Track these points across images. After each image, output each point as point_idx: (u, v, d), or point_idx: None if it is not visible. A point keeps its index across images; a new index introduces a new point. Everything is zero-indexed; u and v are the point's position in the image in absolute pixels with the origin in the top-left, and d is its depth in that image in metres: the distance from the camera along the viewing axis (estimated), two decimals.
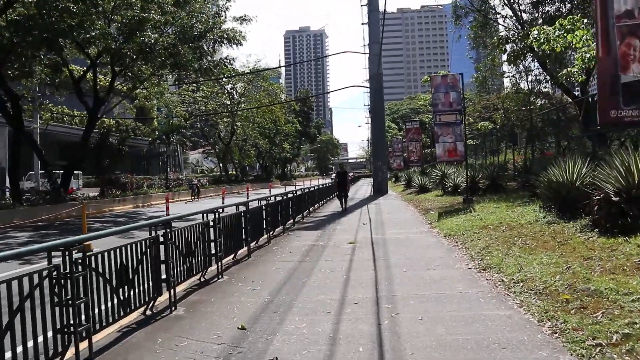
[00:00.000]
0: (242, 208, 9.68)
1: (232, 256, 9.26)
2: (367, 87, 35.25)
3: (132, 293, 5.35)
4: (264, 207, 11.51)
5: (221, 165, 53.43)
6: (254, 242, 10.87)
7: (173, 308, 6.05)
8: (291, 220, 15.09)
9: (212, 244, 7.81)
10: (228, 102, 46.60)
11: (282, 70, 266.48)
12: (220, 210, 8.31)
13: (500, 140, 29.29)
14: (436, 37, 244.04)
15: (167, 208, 17.95)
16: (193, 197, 33.29)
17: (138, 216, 22.36)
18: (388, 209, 19.73)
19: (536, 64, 24.81)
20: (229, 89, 46.84)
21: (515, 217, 11.15)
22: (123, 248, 5.25)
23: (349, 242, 10.98)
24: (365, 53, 36.06)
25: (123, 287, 5.21)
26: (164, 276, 6.05)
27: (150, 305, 5.92)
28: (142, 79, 25.20)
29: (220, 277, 7.84)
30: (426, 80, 46.95)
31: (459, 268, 7.66)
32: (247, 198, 25.78)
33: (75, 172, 31.98)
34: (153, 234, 5.94)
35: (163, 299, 6.18)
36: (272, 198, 13.09)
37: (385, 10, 20.35)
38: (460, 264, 7.94)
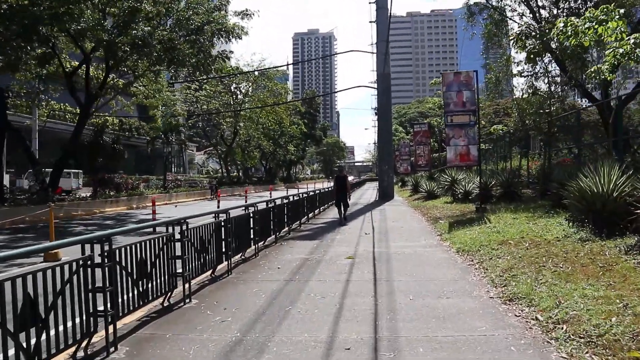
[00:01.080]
0: (222, 217, 8.31)
1: (209, 272, 7.92)
2: (374, 88, 33.86)
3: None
4: (251, 215, 10.14)
5: (223, 166, 52.15)
6: (240, 253, 9.53)
7: (112, 349, 4.69)
8: (286, 228, 13.71)
9: (179, 261, 6.44)
10: (231, 102, 45.24)
11: (290, 73, 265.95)
12: (191, 220, 6.93)
13: (512, 145, 27.83)
14: (445, 41, 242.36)
15: (154, 212, 16.65)
16: (212, 197, 33.48)
17: (127, 219, 21.05)
18: (393, 216, 18.33)
19: (553, 64, 23.41)
20: (232, 88, 45.52)
21: (539, 231, 9.71)
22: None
23: (348, 256, 9.58)
24: (372, 52, 34.74)
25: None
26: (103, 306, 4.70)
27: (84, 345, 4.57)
28: (137, 75, 23.92)
29: (187, 301, 6.47)
30: (435, 82, 45.69)
31: (479, 296, 6.25)
32: (246, 201, 24.48)
33: (74, 171, 30.85)
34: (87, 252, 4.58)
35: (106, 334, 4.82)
36: (264, 204, 11.74)
37: (391, 7, 18.93)
38: (479, 290, 6.53)
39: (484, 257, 8.54)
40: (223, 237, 8.26)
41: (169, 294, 6.33)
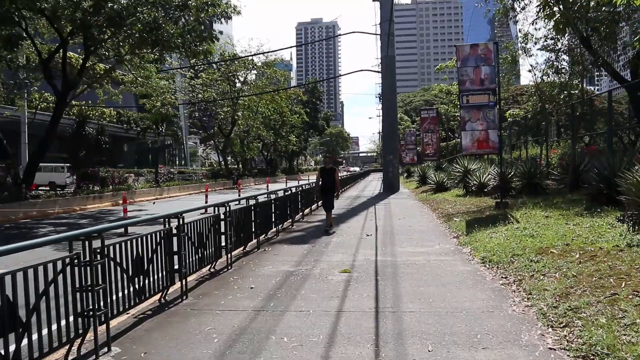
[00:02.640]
0: (175, 222, 6.25)
1: (157, 297, 5.91)
2: (378, 72, 31.66)
3: None
4: (224, 216, 8.10)
5: (221, 158, 49.99)
6: (210, 266, 7.55)
7: None
8: (274, 229, 11.67)
9: (104, 287, 4.39)
10: (228, 90, 43.05)
11: (294, 63, 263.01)
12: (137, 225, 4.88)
13: (525, 132, 25.64)
14: (451, 29, 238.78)
15: (125, 211, 14.69)
16: (234, 187, 33.93)
17: (105, 217, 19.07)
18: (400, 211, 16.26)
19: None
20: (229, 75, 43.21)
21: (587, 236, 7.61)
22: None
23: (343, 269, 7.53)
24: (376, 34, 32.49)
25: None
26: None
27: None
28: (120, 59, 21.81)
29: (106, 350, 4.44)
30: (441, 68, 43.30)
31: (531, 346, 4.18)
32: (239, 195, 22.46)
33: (68, 165, 28.93)
34: None
35: None
36: (245, 202, 9.72)
37: None
38: (530, 334, 4.46)
39: (521, 273, 6.47)
40: (176, 248, 6.22)
41: (78, 341, 4.31)
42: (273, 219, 11.56)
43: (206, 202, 19.74)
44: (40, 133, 28.60)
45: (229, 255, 8.09)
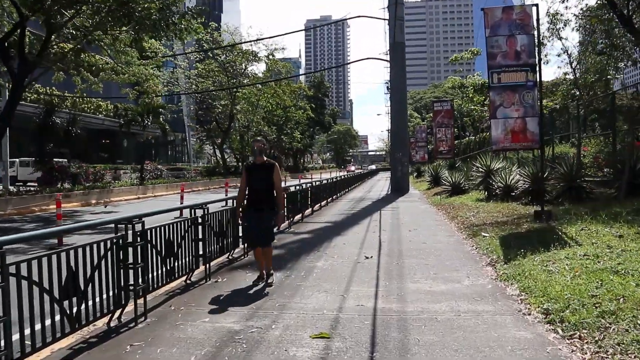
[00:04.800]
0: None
1: None
2: (387, 60, 28.67)
3: None
4: (151, 234, 5.22)
5: (218, 154, 47.06)
6: (110, 316, 4.66)
7: None
8: (241, 247, 8.75)
9: None
10: (226, 81, 40.05)
11: (303, 60, 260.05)
12: None
13: (552, 126, 22.49)
14: (461, 27, 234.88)
15: (59, 216, 11.84)
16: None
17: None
18: (410, 219, 13.29)
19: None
20: (226, 65, 40.07)
21: None
22: None
23: (318, 334, 4.57)
24: (384, 19, 29.48)
25: None
26: None
27: None
28: (86, 37, 18.99)
29: None
30: (456, 59, 40.20)
31: None
32: (226, 195, 19.61)
33: (28, 159, 26.25)
34: None
35: None
36: (188, 212, 6.86)
37: None
38: None
39: (631, 354, 3.53)
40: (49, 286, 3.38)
41: None
42: (240, 232, 8.64)
43: (182, 202, 16.92)
44: (18, 125, 25.84)
45: (145, 299, 5.19)
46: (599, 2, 18.26)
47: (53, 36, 19.85)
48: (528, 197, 13.87)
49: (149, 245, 5.41)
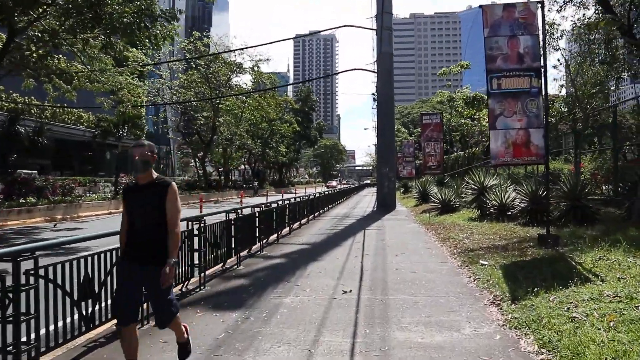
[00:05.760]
0: None
1: None
2: (374, 72, 27.57)
3: None
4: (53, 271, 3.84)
5: (198, 168, 45.45)
6: None
7: None
8: (197, 277, 7.36)
9: None
10: (208, 93, 38.65)
11: (291, 75, 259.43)
12: None
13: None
14: (449, 43, 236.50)
15: None
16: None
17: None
18: (397, 242, 11.96)
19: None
20: (209, 75, 38.63)
21: None
22: None
23: None
24: (372, 29, 28.47)
25: None
26: None
27: None
28: (52, 40, 17.61)
29: None
30: (444, 72, 39.29)
31: None
32: (200, 211, 18.14)
33: None
34: None
35: None
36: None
37: None
38: None
39: None
40: None
41: None
42: (199, 259, 7.26)
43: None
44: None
45: None
46: (597, 11, 17.34)
47: (18, 39, 18.55)
48: (526, 217, 12.69)
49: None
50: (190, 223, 7.13)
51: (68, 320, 4.44)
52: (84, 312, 4.68)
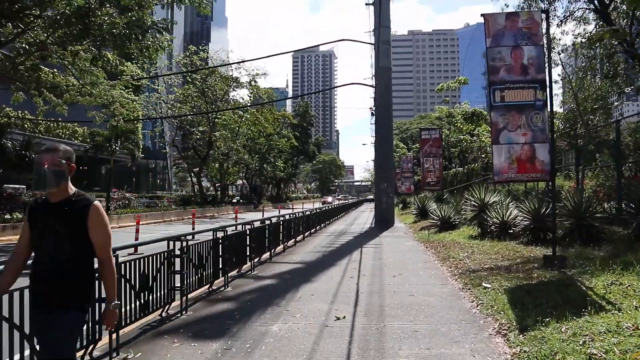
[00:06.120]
0: None
1: None
2: (372, 86, 27.26)
3: None
4: None
5: (194, 183, 44.92)
6: None
7: None
8: (177, 303, 6.83)
9: None
10: (204, 107, 38.31)
11: (290, 90, 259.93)
12: None
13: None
14: (447, 60, 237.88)
15: None
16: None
17: None
18: (395, 260, 11.45)
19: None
20: (205, 89, 38.28)
21: None
22: None
23: None
24: (370, 43, 28.27)
25: None
26: None
27: None
28: (43, 53, 17.25)
29: None
30: (442, 88, 39.02)
31: None
32: (193, 228, 17.64)
33: None
34: None
35: None
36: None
37: None
38: None
39: None
40: None
41: None
42: (181, 282, 6.74)
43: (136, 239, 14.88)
44: None
45: None
46: (597, 26, 17.06)
47: (5, 51, 18.20)
48: (529, 236, 12.19)
49: None
50: (172, 243, 6.63)
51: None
52: None
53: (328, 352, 4.97)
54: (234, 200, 51.86)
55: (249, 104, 43.68)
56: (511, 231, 13.16)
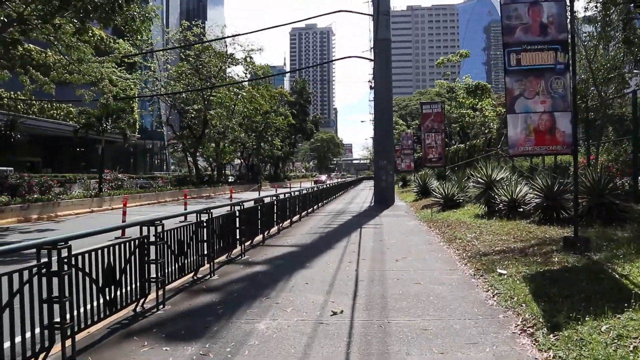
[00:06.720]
0: None
1: None
2: (371, 60, 26.17)
3: None
4: None
5: (190, 162, 43.98)
6: None
7: None
8: (157, 295, 6.02)
9: None
10: (198, 84, 37.16)
11: (287, 68, 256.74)
12: None
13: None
14: (447, 35, 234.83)
15: None
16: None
17: None
18: (398, 242, 10.63)
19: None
20: (199, 66, 37.08)
21: None
22: None
23: None
24: (369, 14, 27.12)
25: None
26: None
27: None
28: (22, 26, 16.18)
29: None
30: (442, 62, 37.86)
31: None
32: (185, 208, 16.85)
33: None
34: None
35: None
36: None
37: None
38: None
39: None
40: None
41: None
42: (156, 272, 5.91)
43: (123, 220, 14.02)
44: None
45: None
46: None
47: None
48: (540, 215, 11.37)
49: None
50: (146, 228, 5.79)
51: None
52: None
53: (322, 358, 4.17)
54: (230, 180, 50.87)
55: (243, 80, 42.51)
56: (521, 209, 12.33)
